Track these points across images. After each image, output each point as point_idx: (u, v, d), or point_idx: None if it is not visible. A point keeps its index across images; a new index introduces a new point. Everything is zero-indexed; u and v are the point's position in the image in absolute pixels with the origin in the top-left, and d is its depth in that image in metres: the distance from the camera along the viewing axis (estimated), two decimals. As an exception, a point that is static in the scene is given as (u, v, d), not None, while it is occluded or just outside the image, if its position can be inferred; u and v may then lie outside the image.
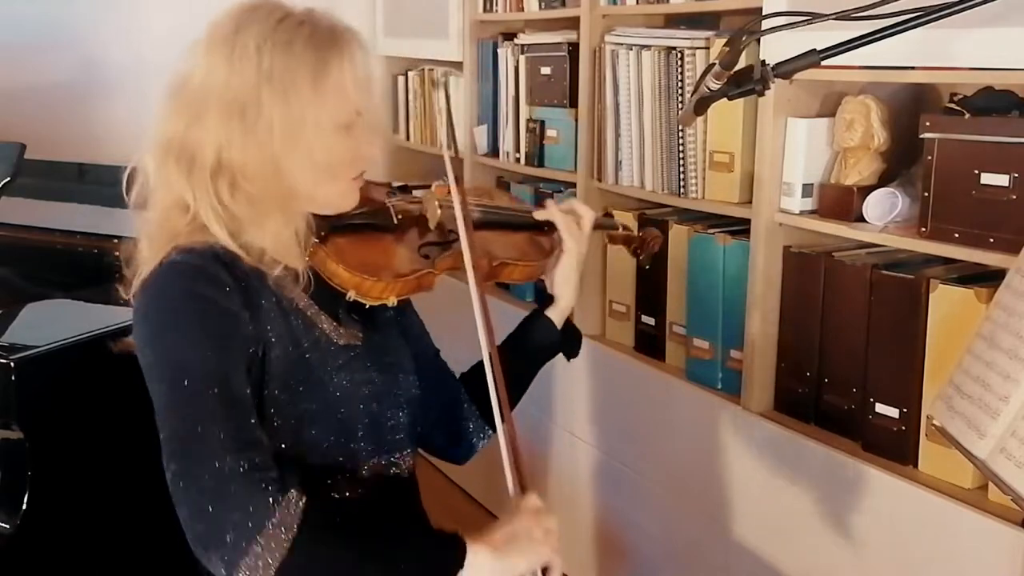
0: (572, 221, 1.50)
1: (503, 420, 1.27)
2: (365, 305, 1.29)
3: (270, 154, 1.19)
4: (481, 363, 1.47)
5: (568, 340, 1.54)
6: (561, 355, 1.56)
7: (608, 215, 1.69)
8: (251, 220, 1.21)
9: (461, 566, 1.13)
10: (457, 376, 1.52)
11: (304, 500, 1.09)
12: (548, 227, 1.52)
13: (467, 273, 1.31)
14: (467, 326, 1.31)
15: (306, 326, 1.25)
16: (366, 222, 1.33)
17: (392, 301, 1.30)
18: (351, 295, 1.27)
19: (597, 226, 1.57)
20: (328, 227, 1.29)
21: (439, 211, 1.41)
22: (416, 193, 1.45)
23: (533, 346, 1.50)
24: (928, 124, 1.64)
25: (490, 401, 1.34)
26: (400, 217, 1.38)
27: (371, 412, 1.29)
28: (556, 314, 1.51)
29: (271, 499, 1.07)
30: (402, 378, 1.36)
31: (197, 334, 1.14)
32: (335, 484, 1.26)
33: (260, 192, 1.20)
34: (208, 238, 1.20)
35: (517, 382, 1.48)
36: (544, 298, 1.53)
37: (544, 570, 1.22)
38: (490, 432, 1.49)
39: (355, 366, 1.28)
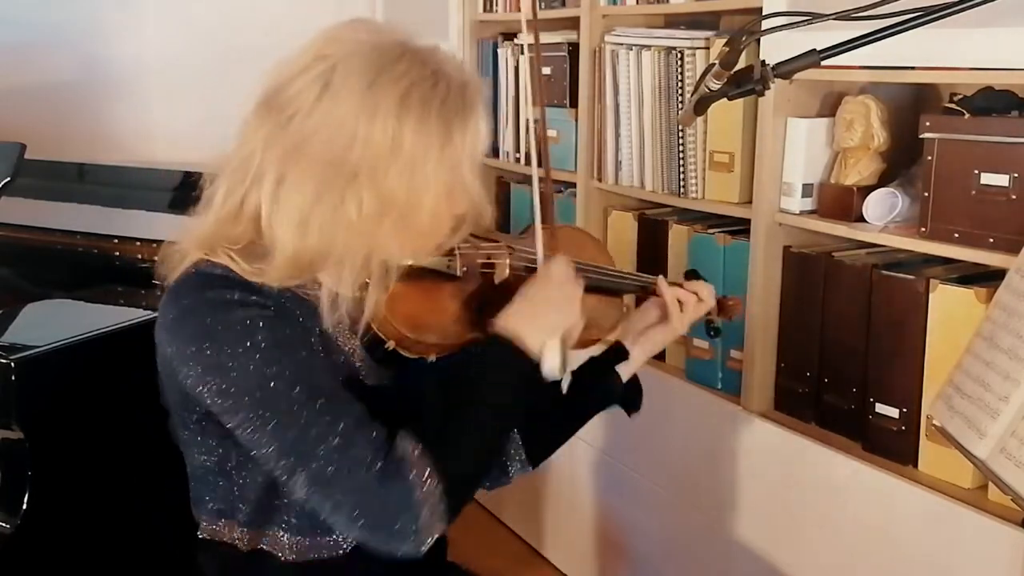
0: (692, 300, 1.45)
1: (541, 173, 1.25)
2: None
3: (367, 225, 1.11)
4: None
5: (631, 394, 1.51)
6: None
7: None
8: (316, 267, 1.15)
9: (523, 354, 1.15)
10: None
11: (398, 437, 1.10)
12: (639, 293, 1.48)
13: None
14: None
15: (340, 364, 1.21)
16: (427, 268, 1.24)
17: (431, 358, 1.25)
18: (391, 345, 1.22)
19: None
20: None
21: (508, 271, 1.31)
22: (487, 244, 1.34)
23: (598, 399, 1.47)
24: (928, 124, 1.64)
25: (532, 438, 1.35)
26: (464, 269, 1.28)
27: None
28: (626, 371, 1.47)
29: (396, 464, 1.08)
30: None
31: (268, 347, 1.10)
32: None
33: (336, 250, 1.13)
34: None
35: (570, 427, 1.47)
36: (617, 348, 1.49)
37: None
38: (529, 468, 1.45)
39: (377, 411, 1.24)
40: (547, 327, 1.20)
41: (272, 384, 1.09)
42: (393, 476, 1.07)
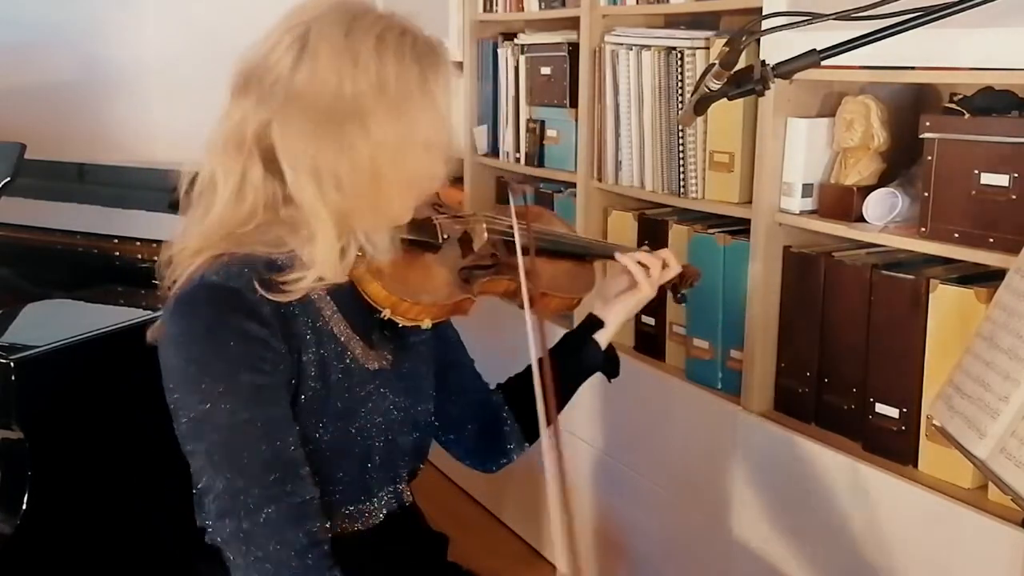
0: (658, 265, 1.50)
1: (562, 490, 1.24)
2: (399, 324, 1.28)
3: (370, 167, 1.15)
4: (520, 375, 1.48)
5: (610, 361, 1.55)
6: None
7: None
8: (303, 230, 1.17)
9: None
10: (493, 385, 1.52)
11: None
12: (604, 258, 1.54)
13: (524, 306, 1.31)
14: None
15: (338, 353, 1.23)
16: (411, 238, 1.30)
17: (426, 324, 1.28)
18: (386, 314, 1.25)
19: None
20: None
21: (485, 235, 1.39)
22: (464, 215, 1.41)
23: (579, 368, 1.51)
24: (928, 124, 1.64)
25: (528, 413, 1.34)
26: (446, 236, 1.35)
27: (388, 441, 1.28)
28: (603, 337, 1.52)
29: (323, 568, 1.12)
30: (421, 406, 1.35)
31: (249, 393, 1.12)
32: (349, 516, 1.26)
33: (348, 203, 1.16)
34: (254, 248, 1.16)
35: (561, 400, 1.48)
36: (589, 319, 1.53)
37: None
38: (526, 445, 1.50)
39: (380, 393, 1.27)
40: None
41: (242, 433, 1.11)
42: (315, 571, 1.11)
